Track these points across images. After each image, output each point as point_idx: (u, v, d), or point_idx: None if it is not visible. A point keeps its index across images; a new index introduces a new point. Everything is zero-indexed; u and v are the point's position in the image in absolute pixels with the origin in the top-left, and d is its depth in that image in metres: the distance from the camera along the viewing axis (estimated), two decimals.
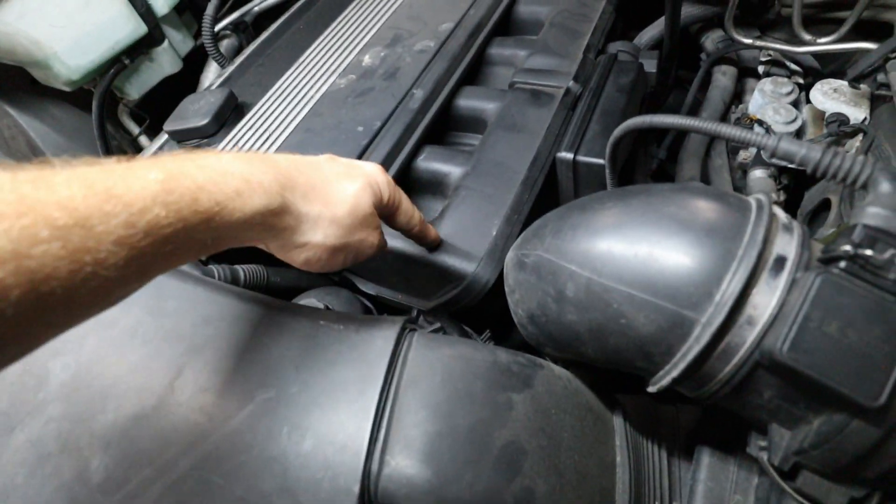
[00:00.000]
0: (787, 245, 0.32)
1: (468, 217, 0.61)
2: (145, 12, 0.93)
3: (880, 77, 0.58)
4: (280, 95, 0.77)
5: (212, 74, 1.12)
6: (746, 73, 0.79)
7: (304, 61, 0.82)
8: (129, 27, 0.91)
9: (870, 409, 0.28)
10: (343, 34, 0.85)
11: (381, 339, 0.38)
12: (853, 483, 0.33)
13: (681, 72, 0.94)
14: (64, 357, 0.43)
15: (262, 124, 0.73)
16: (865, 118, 0.62)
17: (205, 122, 0.73)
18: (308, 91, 0.76)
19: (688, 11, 0.79)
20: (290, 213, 0.37)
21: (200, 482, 0.35)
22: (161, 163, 0.31)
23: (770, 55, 0.75)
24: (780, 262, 0.31)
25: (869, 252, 0.29)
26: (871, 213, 0.30)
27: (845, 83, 0.62)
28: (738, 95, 0.81)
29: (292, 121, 0.72)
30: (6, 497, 0.39)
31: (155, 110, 1.10)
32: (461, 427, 0.35)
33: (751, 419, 0.35)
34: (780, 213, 0.34)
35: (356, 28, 0.85)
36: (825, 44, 0.65)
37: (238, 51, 1.17)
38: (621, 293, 0.34)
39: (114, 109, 1.05)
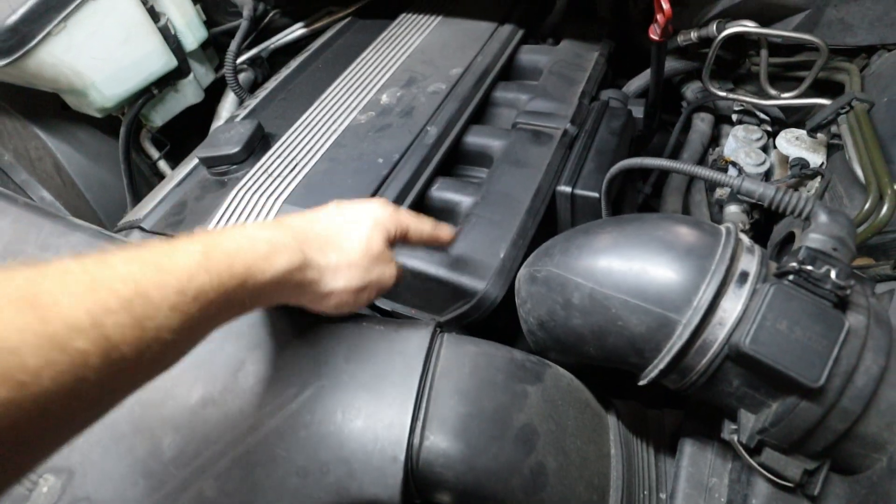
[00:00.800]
0: (749, 263, 0.41)
1: (478, 241, 0.69)
2: (176, 48, 1.02)
3: (833, 129, 0.69)
4: (305, 128, 0.86)
5: (228, 105, 1.21)
6: (722, 120, 0.90)
7: (326, 98, 0.91)
8: (162, 61, 1.00)
9: (813, 389, 0.36)
10: (362, 74, 0.95)
11: (418, 337, 0.46)
12: (805, 456, 0.41)
13: (665, 116, 1.06)
14: None
15: (289, 153, 0.82)
16: (823, 163, 0.73)
17: (235, 150, 0.81)
18: (331, 125, 0.85)
19: (671, 65, 0.91)
20: (311, 267, 0.42)
21: (266, 454, 0.42)
22: (199, 238, 0.36)
23: (742, 105, 0.86)
24: (744, 275, 0.40)
25: (810, 268, 0.38)
26: (812, 238, 0.40)
27: (805, 132, 0.73)
28: (714, 139, 0.92)
29: (318, 151, 0.81)
30: (84, 473, 0.45)
31: (174, 136, 1.18)
32: (486, 410, 0.43)
33: (723, 407, 0.44)
34: (745, 239, 0.44)
35: (374, 69, 0.95)
36: (787, 98, 0.77)
37: (254, 84, 1.26)
38: (619, 300, 0.42)
39: (136, 135, 1.13)
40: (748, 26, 0.75)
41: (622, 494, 0.51)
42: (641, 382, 0.45)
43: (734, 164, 0.80)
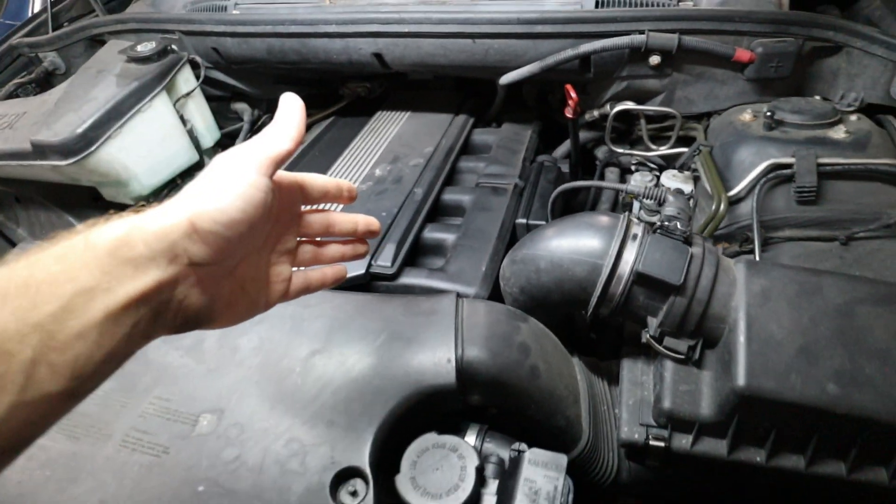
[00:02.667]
0: (637, 229, 0.75)
1: (464, 261, 1.01)
2: (197, 146, 1.32)
3: (693, 165, 1.08)
4: None
5: None
6: (625, 171, 1.30)
7: (331, 174, 1.24)
8: (188, 156, 1.29)
9: (678, 286, 0.69)
10: (356, 156, 1.28)
11: (448, 299, 0.76)
12: (687, 336, 0.72)
13: (585, 176, 1.46)
14: (248, 335, 0.76)
15: None
16: (692, 189, 1.12)
17: None
18: None
19: (584, 135, 1.31)
20: (153, 216, 0.41)
21: (365, 373, 0.68)
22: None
23: (637, 159, 1.26)
24: (635, 236, 0.74)
25: (668, 224, 0.73)
26: (667, 210, 0.75)
27: (677, 171, 1.13)
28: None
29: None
30: (232, 409, 0.69)
31: None
32: (497, 334, 0.72)
33: (638, 320, 0.75)
34: (634, 220, 0.78)
35: (365, 152, 1.29)
36: (663, 150, 1.17)
37: None
38: (568, 258, 0.75)
39: None
40: (629, 105, 1.16)
41: (589, 403, 0.80)
42: (588, 315, 0.76)
43: (636, 197, 1.18)
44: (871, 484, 0.68)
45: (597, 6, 1.11)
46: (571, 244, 0.76)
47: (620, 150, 1.19)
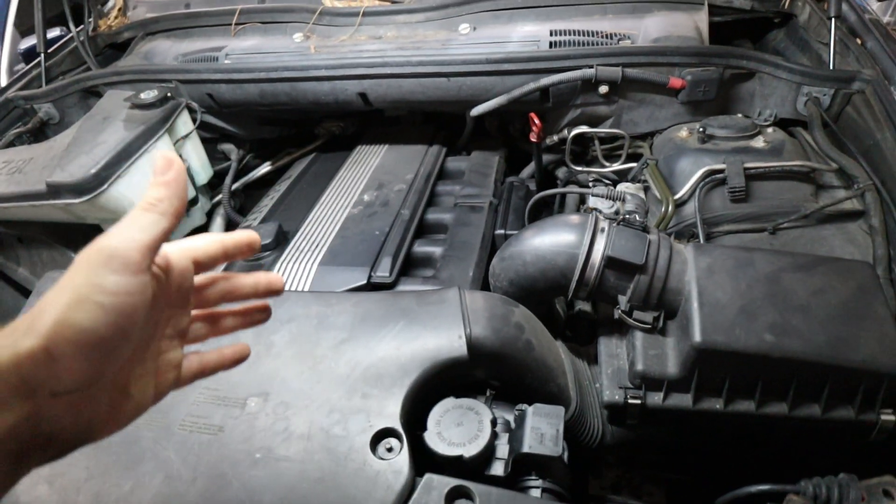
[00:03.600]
0: (604, 224, 0.92)
1: (453, 269, 1.16)
2: (193, 183, 1.44)
3: (641, 177, 1.28)
4: (314, 223, 1.30)
5: (216, 227, 1.61)
6: (583, 187, 1.49)
7: (322, 203, 1.37)
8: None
9: (640, 265, 0.86)
10: (344, 186, 1.43)
11: (453, 292, 0.90)
12: (652, 309, 0.89)
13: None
14: (280, 333, 0.87)
15: (309, 239, 1.25)
16: (643, 197, 1.31)
17: (269, 241, 1.23)
18: (335, 218, 1.31)
19: (546, 158, 1.50)
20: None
21: (384, 357, 0.81)
22: None
23: (594, 176, 1.45)
24: (602, 229, 0.91)
25: (629, 217, 0.90)
26: (627, 206, 0.92)
27: (630, 183, 1.32)
28: (582, 200, 1.50)
29: (332, 233, 1.25)
30: (277, 391, 0.80)
31: None
32: (496, 315, 0.86)
33: (611, 299, 0.91)
34: (601, 216, 0.95)
35: (352, 182, 1.44)
36: (616, 166, 1.37)
37: (235, 209, 1.69)
38: (550, 250, 0.90)
39: None
40: (584, 129, 1.36)
41: (574, 376, 0.95)
42: (569, 296, 0.92)
43: (595, 209, 1.37)
44: (809, 418, 0.85)
45: (551, 46, 1.31)
46: (552, 239, 0.92)
47: (579, 169, 1.38)
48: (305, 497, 0.70)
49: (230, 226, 1.60)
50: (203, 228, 1.58)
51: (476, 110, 1.33)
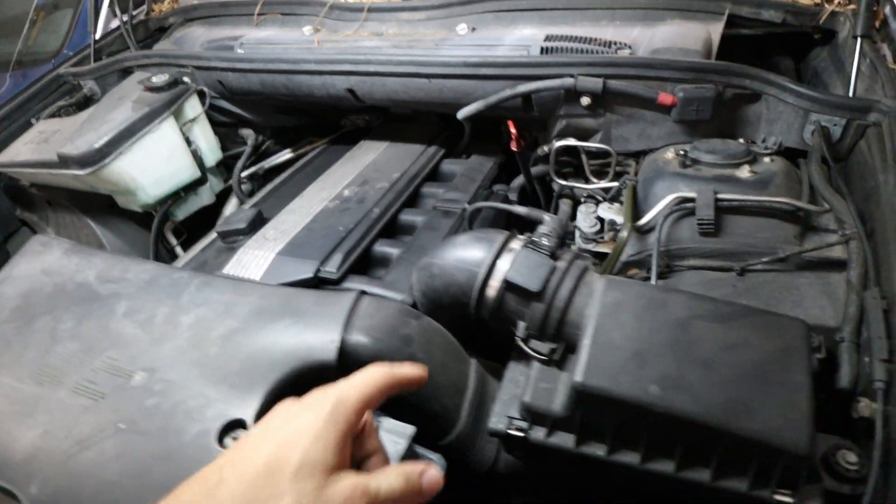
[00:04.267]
0: (516, 244, 0.89)
1: (401, 273, 1.16)
2: (200, 164, 1.56)
3: (621, 199, 1.21)
4: (290, 212, 1.36)
5: (231, 207, 1.73)
6: (577, 202, 1.43)
7: (306, 194, 1.43)
8: (190, 172, 1.53)
9: (536, 293, 0.82)
10: (331, 179, 1.48)
11: (350, 295, 0.91)
12: (550, 340, 0.85)
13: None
14: (189, 315, 0.94)
15: (278, 228, 1.31)
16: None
17: (243, 226, 1.30)
18: (309, 210, 1.36)
19: (540, 168, 1.46)
20: None
21: (264, 345, 0.85)
22: None
23: (587, 192, 1.39)
24: (511, 249, 0.88)
25: (537, 240, 0.86)
26: (540, 229, 0.88)
27: (609, 203, 1.25)
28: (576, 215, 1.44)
29: (300, 224, 1.30)
30: (163, 368, 0.86)
31: (189, 229, 1.67)
32: (382, 325, 0.86)
33: (512, 324, 0.88)
34: (520, 237, 0.92)
35: (340, 176, 1.48)
36: (602, 184, 1.30)
37: (252, 192, 1.80)
38: (453, 266, 0.89)
39: (163, 226, 1.62)
40: (572, 142, 1.30)
41: (475, 398, 0.93)
42: (472, 316, 0.90)
43: (577, 227, 1.31)
44: (698, 483, 0.77)
45: (542, 52, 1.27)
46: (459, 254, 0.90)
47: (563, 183, 1.33)
48: (146, 472, 0.75)
49: None
50: (215, 208, 1.70)
51: (461, 113, 1.32)
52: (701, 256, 1.06)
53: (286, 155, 1.84)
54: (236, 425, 0.77)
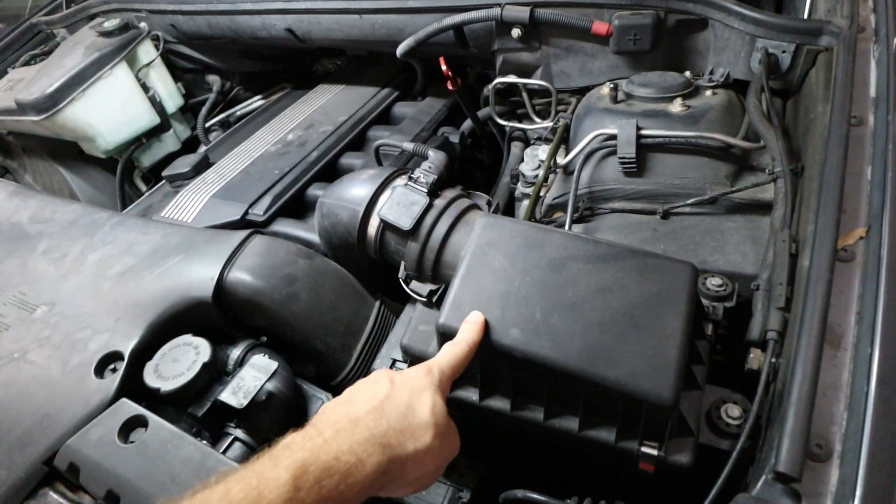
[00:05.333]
0: (401, 182, 0.84)
1: None
2: (160, 110, 1.55)
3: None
4: (234, 156, 1.34)
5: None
6: (528, 143, 1.35)
7: (253, 138, 1.41)
8: (149, 119, 1.52)
9: (408, 231, 0.78)
10: (280, 124, 1.44)
11: (240, 234, 0.89)
12: (431, 282, 0.81)
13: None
14: (96, 252, 0.94)
15: (220, 172, 1.29)
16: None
17: (187, 170, 1.29)
18: (251, 153, 1.34)
19: (486, 111, 1.37)
20: (394, 464, 0.50)
21: (150, 282, 0.84)
22: (289, 462, 0.44)
23: (537, 133, 1.30)
24: (394, 187, 0.83)
25: (415, 177, 0.81)
26: (423, 166, 0.83)
27: (544, 143, 1.17)
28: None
29: (239, 168, 1.29)
30: (62, 301, 0.87)
31: (159, 176, 1.68)
32: (265, 264, 0.84)
33: (395, 264, 0.84)
34: (407, 175, 0.86)
35: (289, 120, 1.45)
36: (545, 123, 1.21)
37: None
38: (335, 205, 0.85)
39: (131, 173, 1.64)
40: (511, 79, 1.21)
41: (372, 335, 0.90)
42: (356, 245, 0.86)
43: (519, 170, 1.24)
44: (567, 432, 0.73)
45: None
46: (344, 192, 0.86)
47: (503, 123, 1.25)
48: (27, 398, 0.77)
49: None
50: (180, 154, 1.70)
51: (398, 50, 1.25)
52: (625, 198, 0.98)
53: (257, 102, 1.81)
54: (115, 358, 0.78)
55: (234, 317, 0.85)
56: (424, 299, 0.81)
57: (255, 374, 0.75)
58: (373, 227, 0.82)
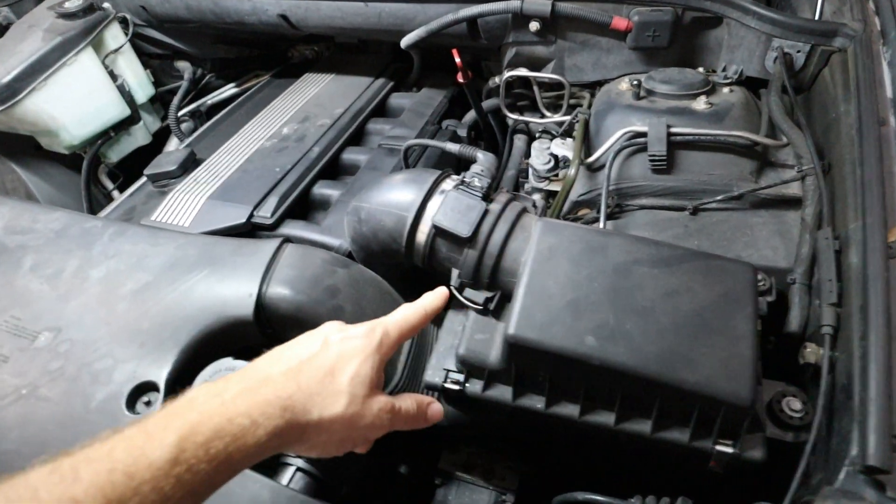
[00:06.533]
0: (449, 186, 0.79)
1: (340, 216, 1.06)
2: (129, 101, 1.40)
3: (574, 133, 1.10)
4: (225, 152, 1.24)
5: (172, 146, 1.59)
6: (533, 137, 1.32)
7: (243, 132, 1.30)
8: (118, 110, 1.37)
9: (467, 238, 0.73)
10: (271, 116, 1.34)
11: (271, 243, 0.81)
12: (485, 289, 0.77)
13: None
14: (99, 268, 0.84)
15: (212, 170, 1.19)
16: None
17: (173, 168, 1.18)
18: (244, 149, 1.23)
19: (493, 102, 1.34)
20: (293, 429, 0.48)
21: (175, 300, 0.76)
22: (174, 423, 0.42)
23: (542, 126, 1.28)
24: (443, 191, 0.78)
25: (469, 181, 0.77)
26: (473, 168, 0.78)
27: (560, 139, 1.15)
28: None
29: (234, 166, 1.18)
30: (69, 328, 0.77)
31: (126, 172, 1.53)
32: (305, 275, 0.77)
33: (446, 271, 0.80)
34: (452, 177, 0.82)
35: (280, 112, 1.35)
36: (557, 118, 1.19)
37: (193, 131, 1.65)
38: (380, 211, 0.80)
39: (95, 169, 1.48)
40: (523, 72, 1.18)
41: (413, 346, 0.86)
42: (402, 253, 0.81)
43: (530, 165, 1.21)
44: (638, 435, 0.72)
45: None
46: (387, 197, 0.81)
47: (515, 117, 1.21)
48: (49, 440, 0.68)
49: None
50: (155, 148, 1.56)
51: (404, 41, 1.18)
52: (653, 195, 0.97)
53: (230, 90, 1.68)
54: (147, 388, 0.70)
55: (273, 335, 0.78)
56: (480, 307, 0.77)
57: None
58: (423, 233, 0.77)
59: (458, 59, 1.09)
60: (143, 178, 1.23)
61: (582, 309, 0.70)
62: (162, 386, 0.69)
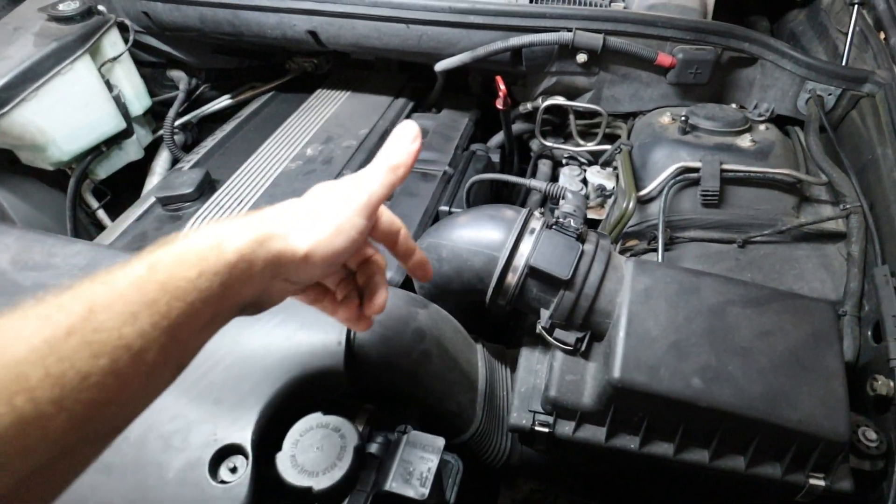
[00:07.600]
0: (536, 224, 0.78)
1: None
2: (125, 113, 1.29)
3: (614, 163, 1.12)
4: (246, 174, 1.17)
5: (162, 162, 1.47)
6: (557, 163, 1.34)
7: (261, 152, 1.23)
8: (113, 123, 1.26)
9: (565, 280, 0.73)
10: (289, 134, 1.28)
11: None
12: (576, 329, 0.76)
13: (522, 165, 1.49)
14: None
15: (234, 194, 1.12)
16: (614, 186, 1.16)
17: (189, 190, 1.10)
18: (268, 171, 1.17)
19: (519, 126, 1.34)
20: (276, 235, 0.45)
21: (252, 350, 0.70)
22: (143, 256, 0.39)
23: (568, 153, 1.30)
24: (532, 230, 0.77)
25: (563, 221, 0.76)
26: (563, 207, 0.78)
27: (600, 167, 1.17)
28: (555, 178, 1.35)
29: (259, 190, 1.12)
30: None
31: (113, 188, 1.41)
32: (391, 319, 0.74)
33: (533, 311, 0.79)
34: (536, 213, 0.81)
35: (299, 131, 1.29)
36: (590, 146, 1.21)
37: (184, 145, 1.54)
38: (466, 249, 0.77)
39: (79, 187, 1.35)
40: (560, 100, 1.19)
41: (486, 389, 0.84)
42: (488, 303, 0.79)
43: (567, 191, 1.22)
44: (731, 471, 0.74)
45: (530, 1, 1.13)
46: (472, 235, 0.78)
47: (550, 144, 1.22)
48: None
49: (175, 163, 1.46)
50: (144, 163, 1.44)
51: (440, 65, 1.16)
52: (702, 228, 1.01)
53: (224, 101, 1.59)
54: (231, 451, 0.63)
55: (360, 384, 0.73)
56: (571, 348, 0.76)
57: (421, 455, 0.65)
58: (514, 273, 0.76)
59: (502, 87, 1.09)
60: (151, 200, 1.14)
61: (684, 351, 0.71)
62: (248, 448, 0.63)
